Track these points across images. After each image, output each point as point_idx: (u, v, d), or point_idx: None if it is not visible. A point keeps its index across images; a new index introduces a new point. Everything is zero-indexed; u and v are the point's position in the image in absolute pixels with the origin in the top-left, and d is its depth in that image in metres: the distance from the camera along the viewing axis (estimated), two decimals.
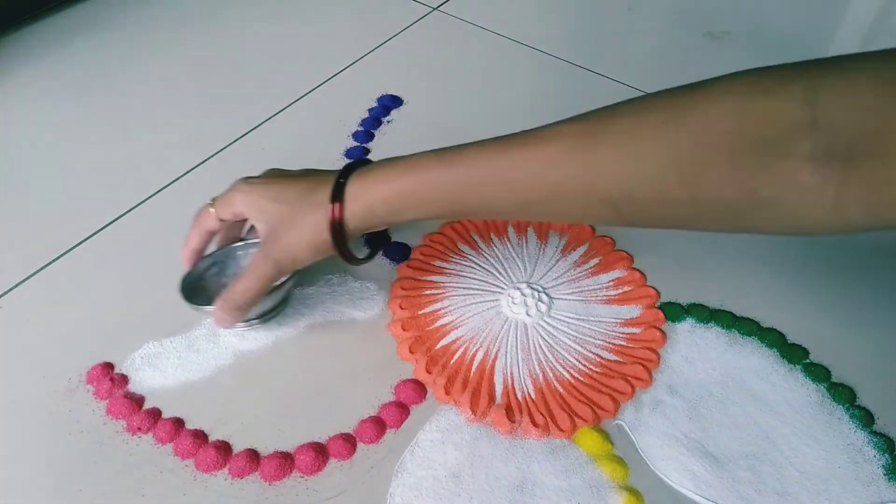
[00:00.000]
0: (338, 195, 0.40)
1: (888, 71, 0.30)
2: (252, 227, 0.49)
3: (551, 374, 0.46)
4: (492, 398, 0.45)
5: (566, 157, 0.36)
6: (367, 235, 0.55)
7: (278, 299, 0.47)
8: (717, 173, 0.33)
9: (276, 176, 0.44)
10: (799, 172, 0.31)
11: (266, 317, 0.47)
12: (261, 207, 0.42)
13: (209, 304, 0.44)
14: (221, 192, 0.44)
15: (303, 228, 0.41)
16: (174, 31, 0.80)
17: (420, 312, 0.50)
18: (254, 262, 0.42)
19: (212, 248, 0.48)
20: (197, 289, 0.46)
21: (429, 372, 0.46)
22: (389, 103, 0.69)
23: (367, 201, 0.40)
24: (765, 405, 0.44)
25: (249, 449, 0.42)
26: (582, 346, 0.48)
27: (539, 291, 0.51)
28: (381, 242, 0.54)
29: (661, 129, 0.34)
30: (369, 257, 0.47)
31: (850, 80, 0.31)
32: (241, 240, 0.49)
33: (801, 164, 0.31)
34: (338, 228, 0.41)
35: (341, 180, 0.40)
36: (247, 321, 0.47)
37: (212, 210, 0.44)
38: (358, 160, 0.43)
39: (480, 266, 0.53)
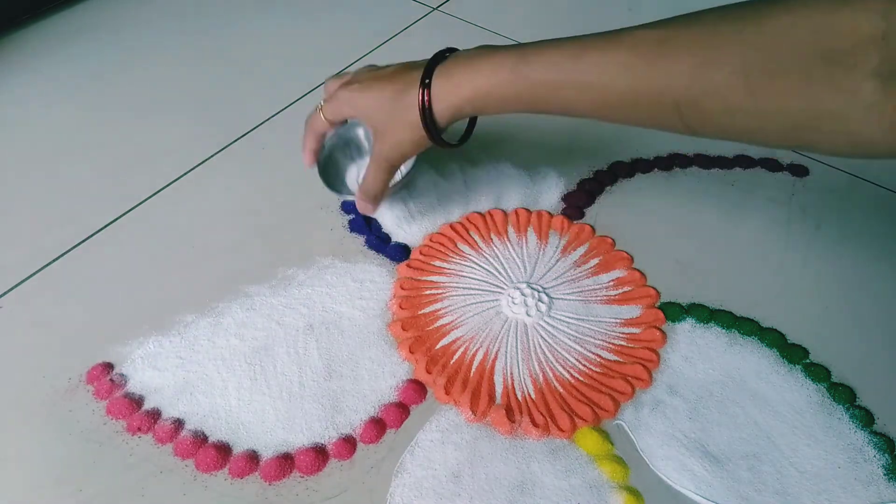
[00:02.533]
0: (426, 97, 0.44)
1: None
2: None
3: (551, 374, 0.46)
4: (492, 398, 0.45)
5: (638, 62, 0.37)
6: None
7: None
8: (784, 83, 0.33)
9: (368, 78, 0.48)
10: (862, 87, 0.31)
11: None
12: (365, 111, 0.48)
13: (343, 179, 0.55)
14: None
15: (403, 128, 0.46)
16: (174, 31, 0.80)
17: (420, 312, 0.50)
18: (372, 159, 0.49)
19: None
20: (328, 169, 0.54)
21: (429, 372, 0.46)
22: None
23: (452, 102, 0.44)
24: (765, 405, 0.44)
25: (249, 449, 0.42)
26: (582, 346, 0.48)
27: (539, 291, 0.51)
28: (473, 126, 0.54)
29: (735, 37, 0.34)
30: (462, 142, 0.51)
31: None
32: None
33: (865, 79, 0.31)
34: (431, 126, 0.45)
35: (427, 81, 0.44)
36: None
37: (321, 115, 0.51)
38: (444, 50, 0.46)
39: (480, 266, 0.53)
